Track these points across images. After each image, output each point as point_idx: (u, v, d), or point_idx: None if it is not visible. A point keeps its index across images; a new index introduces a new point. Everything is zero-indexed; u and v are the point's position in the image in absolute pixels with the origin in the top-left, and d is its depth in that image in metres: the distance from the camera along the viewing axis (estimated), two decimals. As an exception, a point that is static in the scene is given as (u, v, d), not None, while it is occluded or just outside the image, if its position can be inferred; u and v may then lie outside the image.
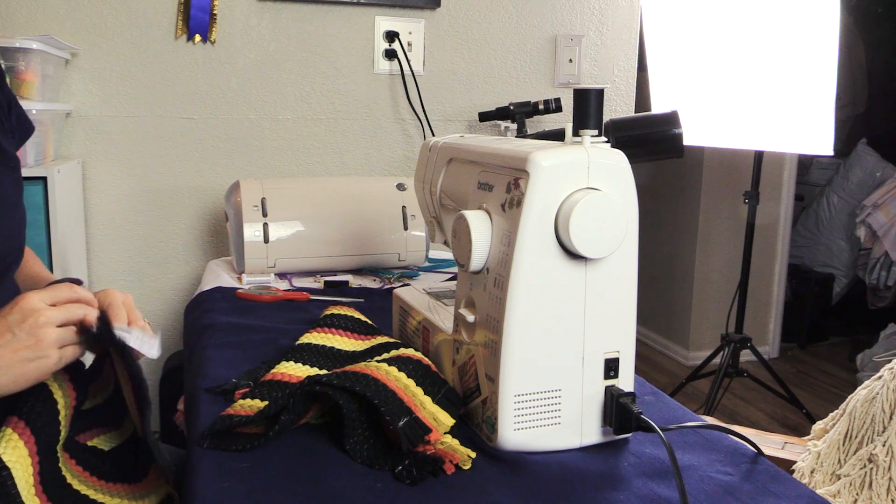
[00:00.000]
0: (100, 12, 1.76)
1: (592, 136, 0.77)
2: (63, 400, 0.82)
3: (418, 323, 0.97)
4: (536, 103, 1.89)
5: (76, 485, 0.79)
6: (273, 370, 0.91)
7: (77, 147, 1.80)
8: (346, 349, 0.99)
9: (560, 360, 0.76)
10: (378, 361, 0.85)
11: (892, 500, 1.12)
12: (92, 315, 0.78)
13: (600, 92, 0.84)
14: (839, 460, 1.23)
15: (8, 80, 1.35)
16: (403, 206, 1.58)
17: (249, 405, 0.81)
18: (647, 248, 3.27)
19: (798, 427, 2.62)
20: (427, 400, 0.79)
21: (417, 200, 1.10)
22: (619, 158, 0.77)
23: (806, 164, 3.81)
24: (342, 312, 1.08)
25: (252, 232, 1.47)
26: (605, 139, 0.79)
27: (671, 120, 1.34)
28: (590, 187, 0.75)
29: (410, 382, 0.80)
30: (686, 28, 2.39)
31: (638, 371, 0.84)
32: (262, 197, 1.49)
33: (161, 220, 1.88)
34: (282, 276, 1.52)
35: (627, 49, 2.16)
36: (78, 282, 0.95)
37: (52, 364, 0.75)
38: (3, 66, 1.43)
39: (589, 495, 0.69)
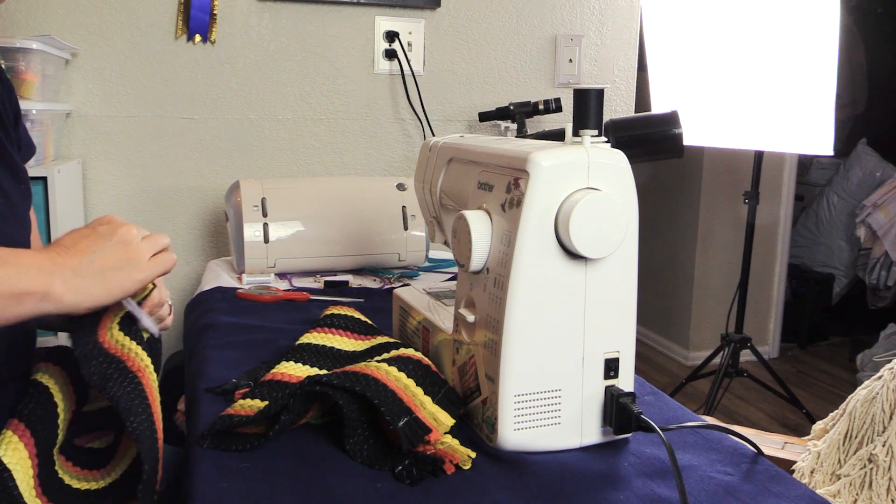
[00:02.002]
0: (100, 12, 1.76)
1: (592, 136, 0.77)
2: (63, 403, 0.82)
3: (418, 323, 0.97)
4: (536, 103, 1.88)
5: (75, 484, 0.79)
6: (273, 370, 0.91)
7: (77, 147, 1.80)
8: (346, 349, 0.99)
9: (560, 360, 0.76)
10: (378, 361, 0.85)
11: (893, 500, 1.12)
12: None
13: (600, 92, 0.84)
14: (839, 460, 1.23)
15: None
16: (403, 206, 1.58)
17: (249, 405, 0.81)
18: (647, 248, 3.27)
19: (798, 427, 2.62)
20: (427, 400, 0.79)
21: (417, 200, 1.10)
22: (619, 158, 0.77)
23: (806, 164, 3.81)
24: (342, 312, 1.08)
25: (252, 232, 1.47)
26: (605, 139, 0.79)
27: (671, 120, 1.34)
28: (590, 187, 0.75)
29: (410, 382, 0.80)
30: (686, 28, 2.39)
31: (638, 371, 0.84)
32: (262, 197, 1.49)
33: (161, 220, 1.88)
34: (282, 276, 1.52)
35: (627, 49, 2.16)
36: None
37: (144, 274, 0.75)
38: (8, 75, 1.42)
39: (589, 495, 0.69)
